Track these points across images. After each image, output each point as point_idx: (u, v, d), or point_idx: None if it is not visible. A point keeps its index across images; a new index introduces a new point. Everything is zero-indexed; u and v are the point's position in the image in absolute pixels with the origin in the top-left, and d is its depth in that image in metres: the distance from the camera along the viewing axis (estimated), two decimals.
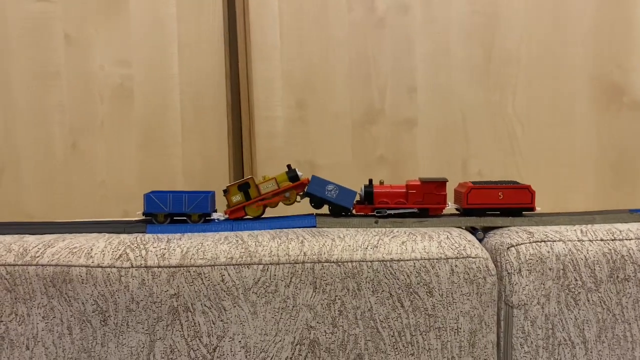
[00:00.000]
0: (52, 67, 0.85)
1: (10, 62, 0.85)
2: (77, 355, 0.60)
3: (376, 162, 0.87)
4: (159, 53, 0.86)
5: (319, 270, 0.61)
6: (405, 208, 0.71)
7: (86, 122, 0.86)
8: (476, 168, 0.88)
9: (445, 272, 0.61)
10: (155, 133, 0.87)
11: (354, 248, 0.62)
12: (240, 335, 0.61)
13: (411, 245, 0.63)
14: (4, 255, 0.61)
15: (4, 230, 0.68)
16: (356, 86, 0.86)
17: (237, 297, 0.60)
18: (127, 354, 0.60)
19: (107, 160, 0.86)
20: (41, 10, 0.85)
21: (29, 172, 0.86)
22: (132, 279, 0.60)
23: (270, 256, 0.61)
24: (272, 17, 0.85)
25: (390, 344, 0.61)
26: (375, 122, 0.87)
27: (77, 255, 0.61)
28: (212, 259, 0.61)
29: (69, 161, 0.86)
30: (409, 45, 0.86)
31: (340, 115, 0.86)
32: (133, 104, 0.87)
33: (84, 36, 0.85)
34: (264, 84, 0.86)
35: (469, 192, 0.70)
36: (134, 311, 0.60)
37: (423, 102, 0.87)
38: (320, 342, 0.61)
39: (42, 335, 0.60)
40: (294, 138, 0.86)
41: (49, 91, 0.86)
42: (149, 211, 0.69)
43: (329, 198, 0.70)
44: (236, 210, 0.71)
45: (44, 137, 0.86)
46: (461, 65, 0.87)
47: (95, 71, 0.86)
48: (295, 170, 0.71)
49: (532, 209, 0.71)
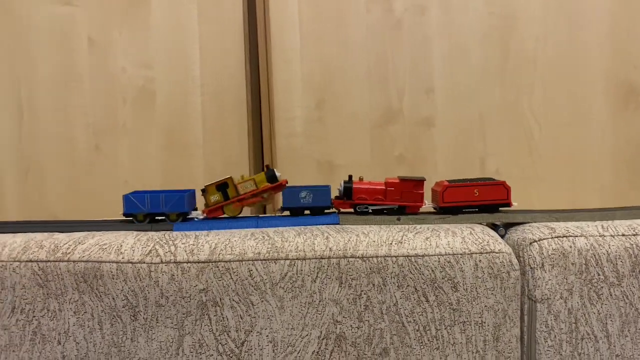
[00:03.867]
0: (75, 69, 0.87)
1: (35, 65, 0.87)
2: (107, 350, 0.61)
3: (395, 162, 0.88)
4: (181, 55, 0.87)
5: (344, 266, 0.62)
6: (384, 205, 0.72)
7: (109, 124, 0.88)
8: (494, 167, 0.89)
9: (469, 267, 0.62)
10: (177, 134, 0.88)
11: (378, 244, 0.63)
12: (268, 329, 0.62)
13: (435, 240, 0.64)
14: (36, 252, 0.62)
15: (33, 228, 0.69)
16: (374, 87, 0.87)
17: (264, 292, 0.61)
18: (157, 348, 0.61)
19: (130, 161, 0.88)
20: (65, 14, 0.87)
21: (54, 172, 0.87)
22: (161, 274, 0.61)
23: (296, 251, 0.62)
24: (291, 20, 0.86)
25: (415, 338, 0.62)
26: (394, 122, 0.88)
27: (107, 252, 0.62)
28: (239, 254, 0.62)
29: (93, 162, 0.87)
30: (427, 46, 0.87)
31: (359, 115, 0.87)
32: (155, 105, 0.88)
33: (106, 39, 0.87)
34: (284, 86, 0.87)
35: (444, 191, 0.71)
36: (163, 306, 0.61)
37: (441, 102, 0.88)
38: (347, 336, 0.62)
39: (74, 330, 0.61)
40: (313, 138, 0.87)
41: (73, 93, 0.87)
42: (128, 211, 0.70)
43: (306, 204, 0.72)
44: (214, 210, 0.72)
45: (68, 138, 0.87)
46: (478, 65, 0.88)
47: (118, 74, 0.87)
48: (273, 170, 0.72)
49: (509, 204, 0.72)
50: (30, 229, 0.69)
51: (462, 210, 0.71)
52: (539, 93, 0.89)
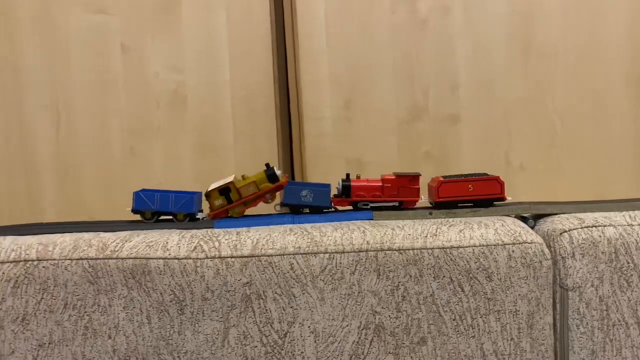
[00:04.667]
0: (110, 75, 0.90)
1: (72, 70, 0.90)
2: (155, 344, 0.64)
3: (422, 158, 0.90)
4: (211, 59, 0.90)
5: (382, 258, 0.64)
6: (381, 201, 0.74)
7: (143, 127, 0.91)
8: (518, 161, 0.91)
9: (503, 258, 0.64)
10: (208, 136, 0.91)
11: (414, 236, 0.65)
12: (310, 320, 0.64)
13: (469, 233, 0.66)
14: (86, 250, 0.65)
15: (78, 228, 0.72)
16: (400, 85, 0.90)
17: (305, 285, 0.64)
18: (203, 341, 0.64)
19: (164, 162, 0.90)
20: (100, 22, 0.90)
21: (91, 174, 0.90)
22: (207, 269, 0.64)
23: (335, 245, 0.65)
24: (318, 22, 0.89)
25: (452, 327, 0.64)
26: (420, 120, 0.90)
27: (154, 249, 0.64)
28: (281, 248, 0.64)
29: (128, 164, 0.90)
30: (451, 44, 0.89)
31: (386, 113, 0.90)
32: (187, 108, 0.91)
33: (139, 45, 0.90)
34: (312, 87, 0.89)
35: (439, 186, 0.73)
36: (209, 300, 0.63)
37: (465, 99, 0.90)
38: (385, 326, 0.64)
39: (123, 325, 0.64)
40: (342, 137, 0.90)
41: (108, 98, 0.90)
42: (137, 208, 0.72)
43: (306, 203, 0.73)
44: (219, 213, 0.73)
45: (104, 141, 0.90)
46: (501, 62, 0.90)
47: (151, 78, 0.90)
48: (273, 169, 0.73)
49: (503, 198, 0.73)
50: (74, 229, 0.71)
51: (457, 205, 0.73)
52: (560, 88, 0.91)
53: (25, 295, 0.64)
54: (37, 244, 0.66)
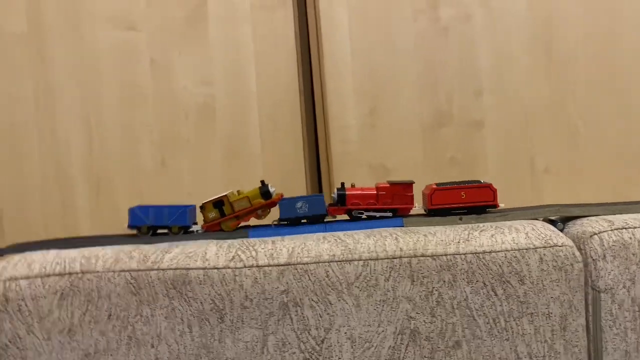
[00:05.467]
0: (140, 89, 0.92)
1: (103, 86, 0.92)
2: (197, 352, 0.66)
3: (447, 164, 0.91)
4: (237, 72, 0.92)
5: (415, 264, 0.66)
6: (376, 209, 0.75)
7: (173, 139, 0.93)
8: (543, 164, 0.92)
9: (534, 261, 0.65)
10: (236, 147, 0.93)
11: (446, 242, 0.67)
12: (346, 327, 0.65)
13: (500, 237, 0.67)
14: (128, 262, 0.67)
15: (117, 241, 0.74)
16: (424, 92, 0.91)
17: (341, 292, 0.65)
18: (243, 348, 0.65)
19: (193, 173, 0.92)
20: (129, 38, 0.92)
21: (123, 186, 0.93)
22: (245, 278, 0.65)
23: (369, 252, 0.66)
24: (342, 32, 0.90)
25: (486, 330, 0.65)
26: (444, 125, 0.91)
27: (193, 259, 0.66)
28: (316, 256, 0.66)
29: (159, 176, 0.92)
30: (473, 51, 0.91)
31: (410, 120, 0.91)
32: (215, 120, 0.93)
33: (167, 60, 0.92)
34: (337, 95, 0.91)
35: (432, 194, 0.74)
36: (248, 308, 0.65)
37: (489, 104, 0.91)
38: (421, 331, 0.65)
39: (165, 334, 0.66)
40: (367, 144, 0.91)
41: (138, 111, 0.93)
42: (133, 224, 0.75)
43: (303, 214, 0.75)
44: (212, 226, 0.75)
45: (134, 154, 0.93)
46: (523, 67, 0.91)
47: (180, 92, 0.92)
48: (267, 186, 0.75)
49: (495, 206, 0.74)
50: (110, 242, 0.74)
51: (450, 213, 0.74)
52: (582, 90, 0.92)
53: (71, 307, 0.66)
54: (80, 257, 0.68)
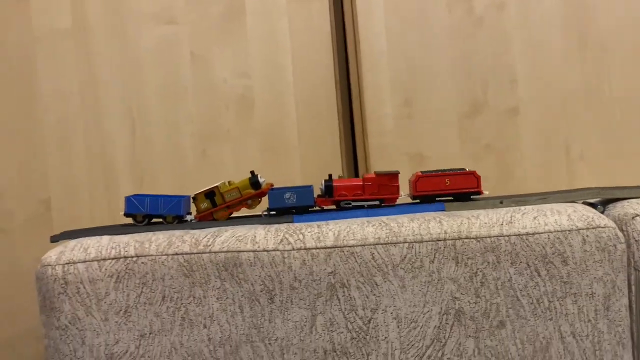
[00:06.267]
0: (180, 82, 0.95)
1: (145, 80, 0.95)
2: (248, 332, 0.68)
3: (482, 151, 0.92)
4: (275, 64, 0.95)
5: (460, 246, 0.67)
6: (363, 199, 0.76)
7: (213, 131, 0.95)
8: (578, 150, 0.92)
9: (577, 242, 0.66)
10: (274, 137, 0.95)
11: (490, 225, 0.68)
12: (392, 307, 0.67)
13: (543, 219, 0.68)
14: (180, 246, 0.69)
15: (163, 228, 0.76)
16: (459, 81, 0.93)
17: (386, 273, 0.67)
18: (292, 328, 0.68)
19: (234, 164, 0.95)
20: (169, 32, 0.95)
21: (165, 177, 0.95)
22: (294, 260, 0.67)
23: (413, 235, 0.68)
24: (378, 24, 0.92)
25: (529, 310, 0.67)
26: (480, 113, 0.93)
27: (243, 242, 0.69)
28: (361, 239, 0.68)
29: (200, 167, 0.95)
30: (507, 39, 0.92)
31: (446, 109, 0.93)
32: (254, 111, 0.95)
33: (207, 53, 0.95)
34: (374, 87, 0.93)
35: (416, 181, 0.76)
36: (296, 289, 0.67)
37: (524, 91, 0.92)
38: (465, 311, 0.67)
39: (217, 315, 0.68)
40: (404, 133, 0.93)
41: (179, 104, 0.95)
42: (129, 212, 0.77)
43: (291, 204, 0.76)
44: (204, 216, 0.78)
45: (176, 146, 0.95)
46: (557, 54, 0.92)
47: (219, 84, 0.95)
48: (257, 176, 0.78)
49: (479, 192, 0.76)
50: (159, 229, 0.76)
51: (435, 199, 0.76)
52: (618, 75, 0.92)
53: (126, 289, 0.69)
54: (133, 242, 0.71)
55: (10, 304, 0.94)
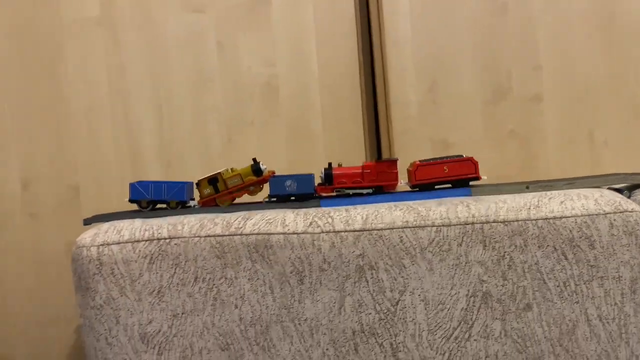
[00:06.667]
0: (207, 71, 0.96)
1: (172, 69, 0.96)
2: (278, 312, 0.69)
3: (506, 137, 0.93)
4: (299, 51, 0.95)
5: (487, 230, 0.68)
6: (362, 187, 0.77)
7: (239, 119, 0.97)
8: (602, 137, 0.92)
9: (604, 226, 0.67)
10: (298, 124, 0.96)
11: (517, 209, 0.69)
12: (420, 289, 0.68)
13: (570, 204, 0.69)
14: (212, 228, 0.71)
15: (194, 211, 0.78)
16: (483, 67, 0.93)
17: (414, 256, 0.68)
18: (321, 308, 0.69)
19: (259, 151, 0.96)
20: (195, 21, 0.96)
21: (192, 164, 0.97)
22: (323, 242, 0.69)
23: (441, 219, 0.69)
24: (403, 10, 0.93)
25: (556, 293, 0.67)
26: (504, 100, 0.93)
27: (274, 225, 0.70)
28: (389, 223, 0.69)
29: (226, 154, 0.96)
30: (531, 25, 0.92)
31: (470, 95, 0.93)
32: (279, 99, 0.96)
33: (233, 42, 0.96)
34: (398, 73, 0.93)
35: (416, 170, 0.77)
36: (326, 271, 0.69)
37: (548, 78, 0.92)
38: (492, 293, 0.68)
39: (248, 295, 0.70)
40: (428, 119, 0.94)
41: (206, 92, 0.97)
42: (134, 198, 0.79)
43: (291, 192, 0.78)
44: (207, 202, 0.79)
45: (203, 133, 0.97)
46: (582, 40, 0.92)
47: (244, 72, 0.96)
48: (259, 164, 0.79)
49: (477, 178, 0.77)
50: (192, 212, 0.78)
51: (434, 187, 0.77)
52: None
53: (160, 270, 0.70)
54: (166, 224, 0.72)
55: (41, 287, 0.97)
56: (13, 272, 0.96)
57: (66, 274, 0.97)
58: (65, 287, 0.97)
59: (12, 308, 0.96)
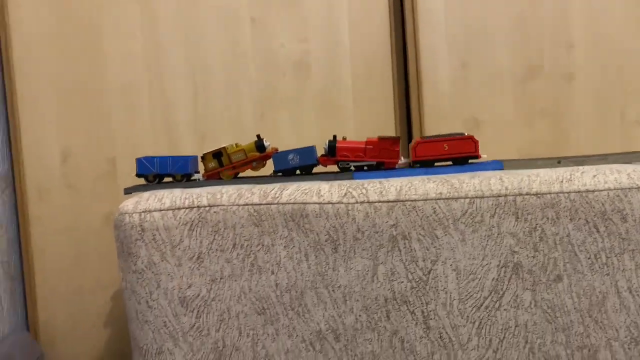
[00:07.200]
0: (240, 47, 0.98)
1: (207, 44, 0.99)
2: (312, 279, 0.72)
3: (537, 116, 0.93)
4: (332, 28, 0.97)
5: (520, 202, 0.69)
6: (364, 161, 0.79)
7: (271, 95, 0.99)
8: (634, 116, 0.92)
9: (637, 200, 0.68)
10: (329, 101, 0.98)
11: (550, 182, 0.70)
12: (452, 259, 0.70)
13: (602, 177, 0.69)
14: (250, 197, 0.73)
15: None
16: (515, 45, 0.93)
17: (447, 227, 0.70)
18: (355, 276, 0.71)
19: (290, 127, 0.98)
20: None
21: (225, 139, 0.99)
22: (357, 212, 0.71)
23: (475, 191, 0.70)
24: None
25: (587, 265, 0.69)
26: (535, 78, 0.93)
27: (309, 195, 0.72)
28: (423, 194, 0.71)
29: (259, 129, 0.98)
30: (565, 3, 0.92)
31: (502, 73, 0.93)
32: (310, 75, 0.98)
33: (266, 18, 0.98)
34: (430, 49, 0.94)
35: (416, 146, 0.78)
36: (359, 240, 0.71)
37: (581, 56, 0.92)
38: (523, 264, 0.69)
39: (284, 262, 0.72)
40: (459, 97, 0.95)
41: (239, 68, 0.99)
42: (140, 172, 0.81)
43: (295, 165, 0.80)
44: (211, 175, 0.82)
45: (236, 108, 0.99)
46: (617, 19, 0.92)
47: (277, 49, 0.98)
48: (262, 140, 0.82)
49: (477, 156, 0.77)
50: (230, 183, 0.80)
51: (434, 164, 0.78)
52: None
53: (199, 236, 0.73)
54: (205, 193, 0.75)
55: (78, 256, 1.00)
56: (52, 241, 1.00)
57: (102, 244, 1.01)
58: (101, 257, 1.01)
59: (52, 276, 1.00)
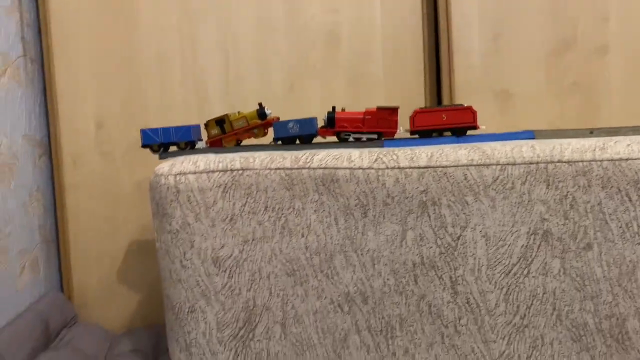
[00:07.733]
0: (271, 19, 0.99)
1: (238, 15, 1.00)
2: (342, 242, 0.73)
3: (569, 89, 0.93)
4: (363, 0, 0.97)
5: (551, 170, 0.69)
6: (362, 132, 0.79)
7: (301, 66, 1.00)
8: None
9: None
10: (360, 72, 0.98)
11: (582, 150, 0.70)
12: (481, 226, 0.71)
13: (637, 147, 0.69)
14: (281, 162, 0.74)
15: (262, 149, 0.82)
16: (549, 18, 0.93)
17: (478, 193, 0.70)
18: (383, 241, 0.72)
19: (320, 98, 0.99)
20: None
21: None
22: (387, 177, 0.71)
23: (506, 158, 0.70)
24: None
25: (618, 234, 0.69)
26: (568, 51, 0.93)
27: (340, 160, 0.73)
28: (454, 161, 0.71)
29: (288, 100, 1.00)
30: None
31: (534, 45, 0.93)
32: (341, 47, 0.99)
33: None
34: (462, 21, 0.94)
35: (414, 116, 0.78)
36: (389, 205, 0.72)
37: (615, 30, 0.91)
38: (553, 232, 0.70)
39: (314, 226, 0.73)
40: (490, 69, 0.94)
41: (270, 39, 1.00)
42: (145, 143, 0.84)
43: (294, 133, 0.81)
44: (214, 142, 0.83)
45: (266, 79, 1.00)
46: None
47: (308, 21, 0.99)
48: (264, 108, 0.83)
49: (475, 127, 0.77)
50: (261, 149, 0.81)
51: (432, 134, 0.78)
52: None
53: (232, 199, 0.75)
54: (238, 157, 0.76)
55: (113, 220, 1.03)
56: (86, 207, 1.03)
57: (135, 210, 1.03)
58: (133, 222, 1.03)
59: (86, 240, 1.04)
